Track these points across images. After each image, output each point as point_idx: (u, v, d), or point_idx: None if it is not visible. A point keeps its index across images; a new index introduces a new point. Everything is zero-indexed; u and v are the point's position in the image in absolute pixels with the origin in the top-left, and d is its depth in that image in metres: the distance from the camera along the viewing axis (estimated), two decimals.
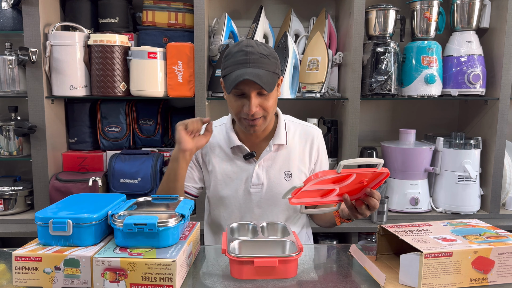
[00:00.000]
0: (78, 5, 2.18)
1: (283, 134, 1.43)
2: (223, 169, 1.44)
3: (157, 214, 1.04)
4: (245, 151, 1.42)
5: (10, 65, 2.02)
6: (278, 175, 1.42)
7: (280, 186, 1.42)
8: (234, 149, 1.44)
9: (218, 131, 1.47)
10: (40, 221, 1.00)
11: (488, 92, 2.21)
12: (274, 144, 1.42)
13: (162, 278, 0.93)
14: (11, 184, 2.13)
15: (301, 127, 1.49)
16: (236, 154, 1.44)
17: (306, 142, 1.47)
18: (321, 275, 1.09)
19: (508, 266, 1.00)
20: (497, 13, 2.14)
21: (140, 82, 2.05)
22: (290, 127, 1.47)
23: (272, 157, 1.43)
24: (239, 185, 1.43)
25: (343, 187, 1.11)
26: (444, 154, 2.19)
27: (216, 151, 1.45)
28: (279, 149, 1.44)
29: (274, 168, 1.43)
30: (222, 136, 1.46)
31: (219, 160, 1.45)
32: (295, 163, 1.44)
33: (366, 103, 2.46)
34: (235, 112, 1.34)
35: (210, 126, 1.38)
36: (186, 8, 2.17)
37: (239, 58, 1.27)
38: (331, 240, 2.22)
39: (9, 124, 2.09)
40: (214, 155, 1.45)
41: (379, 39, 2.13)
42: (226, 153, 1.45)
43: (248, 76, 1.23)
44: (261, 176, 1.42)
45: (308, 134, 1.48)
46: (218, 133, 1.47)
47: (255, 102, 1.29)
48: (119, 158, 2.12)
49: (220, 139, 1.46)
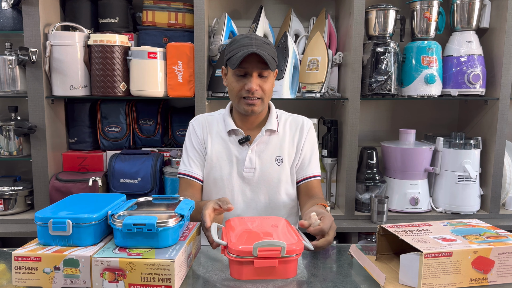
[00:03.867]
0: (78, 5, 2.18)
1: (274, 122, 1.54)
2: (218, 152, 1.53)
3: (156, 214, 1.04)
4: (240, 135, 1.52)
5: (10, 65, 2.02)
6: (270, 160, 1.52)
7: (272, 170, 1.51)
8: (230, 133, 1.53)
9: (217, 119, 1.58)
10: (40, 221, 1.00)
11: (488, 92, 2.21)
12: (266, 130, 1.52)
13: (161, 279, 0.93)
14: (11, 184, 2.13)
15: (292, 117, 1.60)
16: (231, 138, 1.53)
17: (296, 129, 1.57)
18: (321, 275, 1.09)
19: (508, 266, 1.00)
20: (497, 13, 2.14)
21: (140, 82, 2.05)
22: (281, 117, 1.59)
23: (264, 142, 1.53)
24: (233, 168, 1.51)
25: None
26: (444, 154, 2.19)
27: (214, 136, 1.55)
28: (271, 135, 1.54)
29: (266, 153, 1.52)
30: (220, 123, 1.56)
31: (216, 144, 1.54)
32: (286, 148, 1.54)
33: (366, 103, 2.45)
34: (236, 91, 1.44)
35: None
36: (186, 8, 2.17)
37: (244, 42, 1.40)
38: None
39: (9, 124, 2.09)
40: (211, 139, 1.54)
41: (379, 39, 2.13)
42: (222, 137, 1.54)
43: (255, 50, 1.36)
44: (253, 160, 1.51)
45: (298, 122, 1.58)
46: (216, 121, 1.57)
47: (256, 81, 1.42)
48: (119, 158, 2.12)
49: (218, 125, 1.56)
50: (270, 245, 0.98)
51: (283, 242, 0.99)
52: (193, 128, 1.57)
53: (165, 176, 2.13)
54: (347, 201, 2.14)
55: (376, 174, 2.19)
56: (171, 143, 2.34)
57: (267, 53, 1.39)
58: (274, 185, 1.51)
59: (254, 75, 1.41)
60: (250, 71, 1.41)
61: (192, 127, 1.58)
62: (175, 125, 2.29)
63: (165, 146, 2.32)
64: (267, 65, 1.39)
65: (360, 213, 2.18)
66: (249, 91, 1.41)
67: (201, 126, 1.57)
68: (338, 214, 2.19)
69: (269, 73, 1.44)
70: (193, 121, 1.60)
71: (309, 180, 1.54)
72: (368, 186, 2.18)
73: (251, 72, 1.41)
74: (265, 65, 1.40)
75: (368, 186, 2.17)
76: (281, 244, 0.99)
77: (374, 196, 2.11)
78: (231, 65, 1.42)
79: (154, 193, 2.09)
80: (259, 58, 1.38)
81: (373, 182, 2.17)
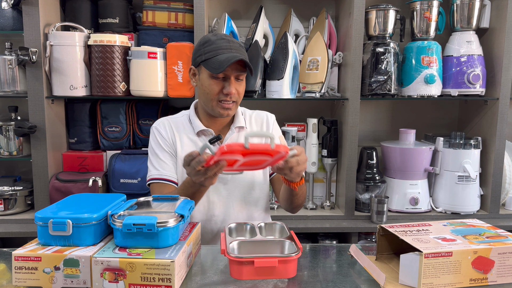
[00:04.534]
0: (78, 5, 2.18)
1: (241, 118, 1.55)
2: None
3: (156, 214, 1.04)
4: (210, 134, 1.50)
5: (10, 65, 2.02)
6: None
7: None
8: (199, 134, 1.51)
9: (182, 121, 1.55)
10: (40, 221, 1.00)
11: (488, 92, 2.21)
12: (236, 127, 1.52)
13: (161, 279, 0.93)
14: (11, 184, 2.13)
15: (255, 113, 1.61)
16: (201, 139, 1.51)
17: (262, 123, 1.58)
18: (321, 275, 1.09)
19: (508, 266, 1.00)
20: (497, 13, 2.14)
21: (140, 82, 2.05)
22: (246, 113, 1.60)
23: (234, 139, 1.52)
24: None
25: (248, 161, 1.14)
26: (444, 154, 2.19)
27: (182, 138, 1.52)
28: (240, 132, 1.54)
29: None
30: (186, 124, 1.53)
31: (185, 146, 1.51)
32: (255, 143, 1.51)
33: (366, 103, 2.46)
34: (213, 94, 1.41)
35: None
36: (186, 8, 2.17)
37: (222, 44, 1.39)
38: (331, 240, 2.22)
39: (9, 124, 2.09)
40: (180, 141, 1.51)
41: (379, 39, 2.13)
42: (191, 138, 1.51)
43: (239, 56, 1.36)
44: None
45: (262, 117, 1.59)
46: (181, 123, 1.54)
47: (234, 85, 1.42)
48: (119, 158, 2.12)
49: (184, 127, 1.53)
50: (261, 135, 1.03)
51: (272, 133, 1.02)
52: (159, 132, 1.52)
53: None
54: (347, 201, 2.14)
55: (376, 174, 2.19)
56: None
57: (245, 57, 1.39)
58: (248, 181, 1.52)
59: (232, 79, 1.41)
60: (229, 74, 1.40)
61: (156, 131, 1.53)
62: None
63: None
64: (245, 70, 1.41)
65: (360, 213, 2.18)
66: (227, 95, 1.40)
67: (167, 129, 1.52)
68: (338, 214, 2.19)
69: (244, 76, 1.44)
70: (156, 125, 1.55)
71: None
72: (368, 186, 2.18)
73: (230, 75, 1.40)
74: (243, 68, 1.40)
75: (368, 186, 2.17)
76: (270, 134, 1.06)
77: (374, 196, 2.11)
78: (212, 69, 1.38)
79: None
80: (239, 63, 1.38)
81: (373, 182, 2.17)
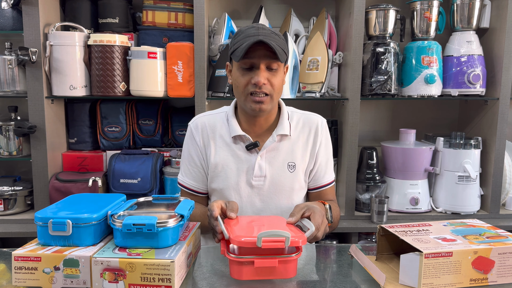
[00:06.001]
0: (78, 5, 2.18)
1: (286, 125, 1.39)
2: (223, 160, 1.38)
3: (156, 214, 1.04)
4: (248, 140, 1.37)
5: (10, 65, 2.02)
6: (281, 167, 1.38)
7: (284, 178, 1.38)
8: (235, 139, 1.38)
9: (220, 120, 1.42)
10: (39, 221, 1.00)
11: (488, 92, 2.20)
12: (278, 135, 1.38)
13: (161, 279, 0.93)
14: (11, 184, 2.13)
15: (305, 116, 1.45)
16: (237, 144, 1.39)
17: (310, 131, 1.42)
18: (321, 275, 1.09)
19: (508, 266, 1.00)
20: (497, 13, 2.14)
21: (140, 82, 2.05)
22: (293, 117, 1.44)
23: (275, 148, 1.38)
24: (240, 177, 1.37)
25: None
26: (444, 154, 2.18)
27: (216, 141, 1.40)
28: (283, 140, 1.39)
29: (278, 159, 1.38)
30: (224, 125, 1.41)
31: (219, 150, 1.39)
32: (298, 153, 1.40)
33: (366, 103, 2.45)
34: (243, 87, 1.29)
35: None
36: (186, 8, 2.17)
37: (249, 32, 1.26)
38: (331, 240, 2.22)
39: (9, 124, 2.09)
40: (214, 145, 1.40)
41: (379, 39, 2.13)
42: (226, 143, 1.39)
43: (262, 39, 1.21)
44: (263, 167, 1.37)
45: (312, 123, 1.43)
46: (219, 121, 1.42)
47: (264, 74, 1.27)
48: (119, 158, 2.12)
49: (221, 127, 1.41)
50: (274, 235, 0.97)
51: (287, 232, 0.98)
52: (192, 134, 1.42)
53: (165, 176, 2.13)
54: (347, 201, 2.14)
55: (376, 174, 2.19)
56: (171, 143, 2.34)
57: (275, 43, 1.24)
58: (286, 193, 1.38)
59: (261, 67, 1.26)
60: (257, 62, 1.26)
61: (191, 133, 1.43)
62: (175, 125, 2.28)
63: (165, 146, 2.32)
64: (276, 56, 1.24)
65: (360, 213, 2.18)
66: (256, 85, 1.26)
67: (201, 131, 1.41)
68: None
69: (278, 65, 1.29)
70: (192, 124, 1.44)
71: (324, 189, 1.45)
72: (368, 186, 2.17)
73: (258, 64, 1.26)
74: (273, 55, 1.25)
75: (368, 186, 2.17)
76: (285, 234, 0.96)
77: (374, 196, 2.11)
78: (236, 58, 1.27)
79: (154, 193, 2.09)
80: (267, 49, 1.24)
81: (373, 182, 2.17)
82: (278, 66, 1.29)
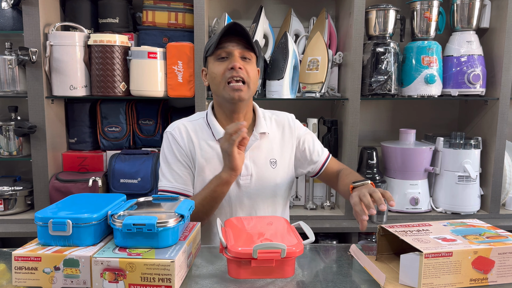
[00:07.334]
0: (78, 5, 2.18)
1: (263, 123, 1.46)
2: (210, 163, 1.41)
3: (156, 214, 1.04)
4: None
5: (10, 65, 2.02)
6: (265, 164, 1.44)
7: (268, 174, 1.44)
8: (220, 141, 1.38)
9: (200, 125, 1.45)
10: (39, 221, 1.00)
11: (488, 92, 2.21)
12: (259, 133, 1.44)
13: (161, 279, 0.93)
14: (11, 184, 2.13)
15: (275, 116, 1.53)
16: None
17: (283, 129, 1.50)
18: (321, 275, 1.09)
19: (508, 266, 1.00)
20: (497, 13, 2.14)
21: (140, 82, 2.05)
22: (265, 116, 1.51)
23: (257, 146, 1.44)
24: None
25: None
26: (444, 154, 2.18)
27: (201, 145, 1.42)
28: (262, 138, 1.45)
29: (260, 157, 1.44)
30: (205, 129, 1.44)
31: (204, 154, 1.41)
32: (277, 150, 1.47)
33: (366, 103, 2.45)
34: (220, 75, 1.34)
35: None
36: (186, 8, 2.17)
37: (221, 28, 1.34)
38: (331, 240, 2.22)
39: (9, 124, 2.09)
40: (200, 149, 1.42)
41: (379, 39, 2.13)
42: (210, 145, 1.42)
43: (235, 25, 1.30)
44: (249, 166, 1.42)
45: (283, 121, 1.51)
46: (200, 127, 1.44)
47: (239, 60, 1.33)
48: (119, 158, 2.12)
49: (202, 132, 1.43)
50: (270, 248, 0.98)
51: (283, 244, 0.99)
52: (174, 139, 1.42)
53: None
54: (347, 201, 2.14)
55: (376, 174, 2.19)
56: None
57: (243, 29, 1.33)
58: (271, 189, 1.45)
59: (236, 54, 1.33)
60: (232, 50, 1.33)
61: (172, 138, 1.42)
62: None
63: None
64: (249, 46, 1.33)
65: None
66: (234, 69, 1.31)
67: (183, 136, 1.42)
68: (338, 214, 2.19)
69: (251, 56, 1.36)
70: (171, 131, 1.43)
71: (326, 165, 1.53)
72: None
73: (233, 51, 1.33)
74: (247, 45, 1.33)
75: None
76: (281, 246, 0.98)
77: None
78: (211, 49, 1.34)
79: (154, 193, 2.09)
80: (241, 39, 1.33)
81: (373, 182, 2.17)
82: (251, 57, 1.36)
